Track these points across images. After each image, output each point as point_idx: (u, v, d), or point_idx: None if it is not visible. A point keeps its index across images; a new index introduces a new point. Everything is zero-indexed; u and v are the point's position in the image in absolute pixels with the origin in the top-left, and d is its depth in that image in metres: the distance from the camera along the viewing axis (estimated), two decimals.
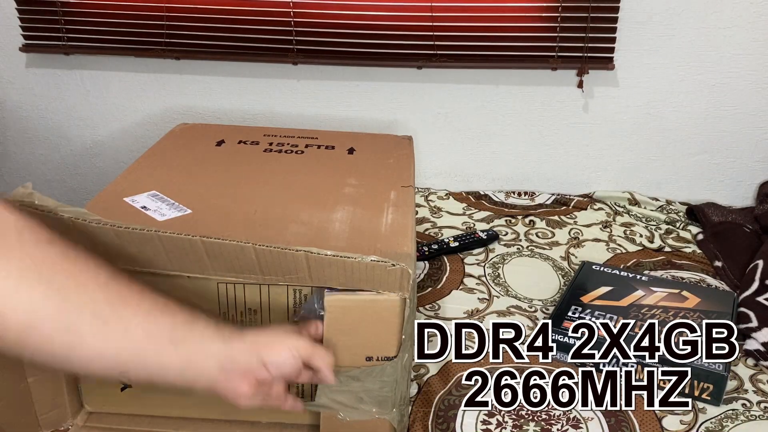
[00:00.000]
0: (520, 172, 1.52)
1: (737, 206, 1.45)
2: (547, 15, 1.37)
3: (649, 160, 1.48)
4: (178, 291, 0.75)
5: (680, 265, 1.20)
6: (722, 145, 1.45)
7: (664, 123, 1.44)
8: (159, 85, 1.53)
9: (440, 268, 1.17)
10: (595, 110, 1.45)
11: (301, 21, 1.41)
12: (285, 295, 0.74)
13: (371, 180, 0.93)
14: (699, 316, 0.96)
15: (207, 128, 1.18)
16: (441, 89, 1.46)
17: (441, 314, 1.04)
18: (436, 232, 1.31)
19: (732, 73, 1.38)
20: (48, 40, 1.49)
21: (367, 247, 0.73)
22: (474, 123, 1.49)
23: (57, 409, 0.81)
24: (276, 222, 0.79)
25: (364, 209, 0.83)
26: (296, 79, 1.48)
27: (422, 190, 1.49)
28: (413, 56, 1.41)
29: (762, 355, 0.94)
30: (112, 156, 1.62)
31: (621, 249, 1.26)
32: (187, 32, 1.45)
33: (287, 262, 0.69)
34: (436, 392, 0.87)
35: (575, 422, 0.82)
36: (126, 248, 0.70)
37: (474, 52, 1.40)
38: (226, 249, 0.68)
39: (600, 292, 1.02)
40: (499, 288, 1.11)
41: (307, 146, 1.06)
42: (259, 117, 1.53)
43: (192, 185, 0.88)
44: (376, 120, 1.50)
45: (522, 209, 1.42)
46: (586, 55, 1.37)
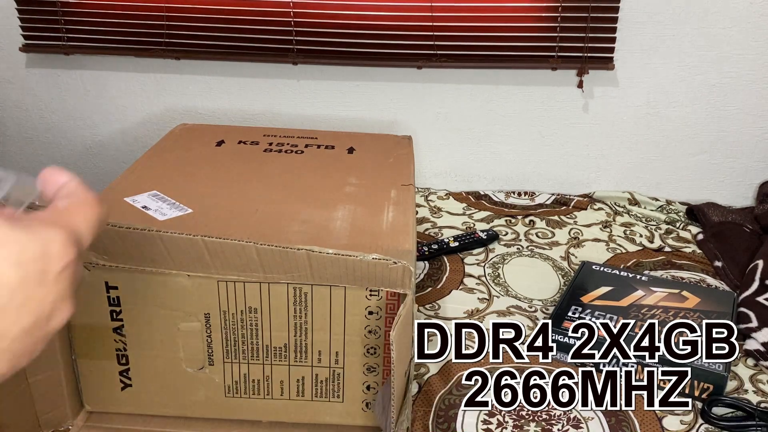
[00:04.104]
0: (520, 172, 1.52)
1: (737, 206, 1.45)
2: (547, 15, 1.37)
3: (649, 160, 1.48)
4: (178, 289, 0.75)
5: (680, 265, 1.20)
6: (722, 145, 1.45)
7: (664, 123, 1.44)
8: (159, 85, 1.53)
9: (440, 268, 1.17)
10: (595, 110, 1.45)
11: (301, 21, 1.41)
12: (286, 294, 0.74)
13: (371, 179, 0.93)
14: (699, 316, 0.96)
15: (207, 128, 1.18)
16: (441, 89, 1.46)
17: (441, 314, 1.04)
18: (436, 232, 1.31)
19: (732, 73, 1.38)
20: (48, 40, 1.49)
21: (368, 245, 0.73)
22: (474, 123, 1.49)
23: (57, 409, 0.81)
24: (277, 221, 0.79)
25: (365, 208, 0.83)
26: (296, 79, 1.48)
27: (422, 190, 1.49)
28: (413, 56, 1.41)
29: (762, 355, 0.94)
30: (112, 156, 1.62)
31: (621, 249, 1.26)
32: (187, 32, 1.45)
33: (289, 260, 0.69)
34: (436, 392, 0.87)
35: (576, 422, 0.82)
36: (127, 248, 0.70)
37: (474, 52, 1.40)
38: (227, 248, 0.68)
39: (600, 292, 1.02)
40: (499, 288, 1.11)
41: (307, 146, 1.06)
42: (259, 117, 1.53)
43: (192, 185, 0.88)
44: (376, 120, 1.50)
45: (522, 209, 1.42)
46: (586, 55, 1.37)
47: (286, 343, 0.78)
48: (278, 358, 0.78)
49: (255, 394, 0.81)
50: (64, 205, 0.35)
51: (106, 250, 0.70)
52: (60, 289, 0.32)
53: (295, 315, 0.76)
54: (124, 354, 0.79)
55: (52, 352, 0.78)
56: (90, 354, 0.80)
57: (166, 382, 0.80)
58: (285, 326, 0.76)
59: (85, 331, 0.78)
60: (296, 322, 0.76)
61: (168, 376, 0.80)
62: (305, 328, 0.77)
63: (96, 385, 0.81)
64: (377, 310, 0.75)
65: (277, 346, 0.78)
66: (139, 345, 0.79)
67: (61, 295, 0.32)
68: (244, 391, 0.81)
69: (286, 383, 0.80)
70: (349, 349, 0.78)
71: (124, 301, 0.76)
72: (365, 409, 0.82)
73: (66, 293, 0.33)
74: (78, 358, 0.80)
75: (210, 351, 0.78)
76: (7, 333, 0.30)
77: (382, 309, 0.75)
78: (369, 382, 0.80)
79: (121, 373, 0.80)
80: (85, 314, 0.77)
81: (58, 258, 0.31)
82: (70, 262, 0.32)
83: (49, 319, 0.32)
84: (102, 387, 0.81)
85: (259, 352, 0.78)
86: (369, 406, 0.81)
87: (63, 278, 0.32)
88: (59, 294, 0.32)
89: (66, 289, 0.33)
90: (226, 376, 0.80)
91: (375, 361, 0.79)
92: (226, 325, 0.77)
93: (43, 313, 0.31)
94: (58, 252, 0.31)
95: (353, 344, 0.77)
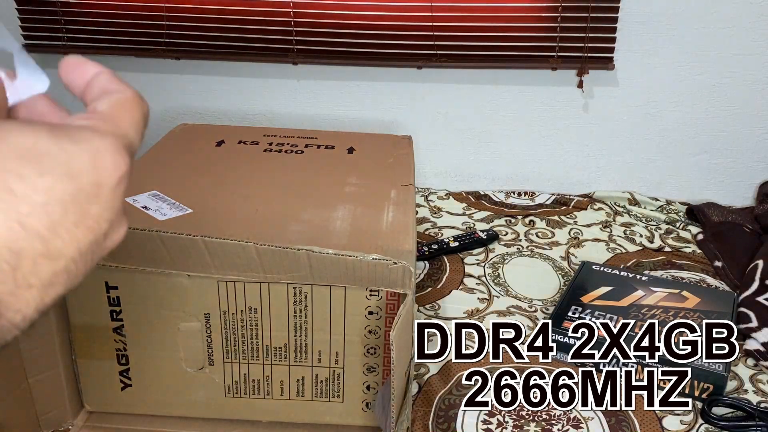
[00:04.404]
0: (520, 172, 1.52)
1: (737, 206, 1.45)
2: (547, 15, 1.37)
3: (649, 160, 1.48)
4: (178, 289, 0.75)
5: (680, 265, 1.20)
6: (722, 145, 1.45)
7: (664, 123, 1.44)
8: (159, 85, 1.53)
9: (440, 268, 1.17)
10: (595, 110, 1.45)
11: (301, 21, 1.41)
12: (286, 294, 0.74)
13: (371, 179, 0.93)
14: (699, 316, 0.96)
15: (207, 128, 1.18)
16: (441, 89, 1.46)
17: (441, 314, 1.04)
18: (436, 232, 1.31)
19: (732, 73, 1.38)
20: (48, 40, 1.49)
21: (368, 245, 0.73)
22: (474, 123, 1.49)
23: (57, 409, 0.81)
24: (277, 221, 0.79)
25: (365, 207, 0.83)
26: (296, 79, 1.48)
27: (422, 190, 1.49)
28: (413, 56, 1.41)
29: (762, 355, 0.94)
30: None
31: (621, 249, 1.26)
32: (187, 32, 1.45)
33: (289, 260, 0.69)
34: (436, 392, 0.87)
35: (576, 422, 0.82)
36: (127, 248, 0.70)
37: (474, 52, 1.40)
38: (227, 248, 0.68)
39: (600, 292, 1.02)
40: (499, 288, 1.11)
41: (307, 146, 1.06)
42: (259, 117, 1.53)
43: (192, 185, 0.88)
44: (376, 120, 1.50)
45: (522, 209, 1.42)
46: (586, 55, 1.37)
47: (286, 343, 0.78)
48: (278, 358, 0.78)
49: (255, 394, 0.81)
50: (106, 107, 0.31)
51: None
52: (116, 205, 0.28)
53: (295, 315, 0.76)
54: (124, 354, 0.79)
55: (52, 352, 0.78)
56: (90, 354, 0.80)
57: (166, 382, 0.80)
58: (285, 326, 0.76)
59: (85, 331, 0.78)
60: (296, 322, 0.76)
61: (168, 376, 0.80)
62: (305, 328, 0.76)
63: (96, 385, 0.81)
64: (377, 310, 0.75)
65: (277, 346, 0.78)
66: (139, 345, 0.79)
67: (117, 211, 0.28)
68: (244, 391, 0.81)
69: (286, 383, 0.80)
70: (349, 349, 0.78)
71: (124, 301, 0.76)
72: (365, 409, 0.82)
73: (121, 207, 0.29)
74: (78, 358, 0.80)
75: (210, 351, 0.78)
76: (63, 252, 0.26)
77: (382, 309, 0.75)
78: (369, 382, 0.80)
79: (121, 373, 0.80)
80: (85, 314, 0.77)
81: (112, 169, 0.27)
82: (125, 174, 0.28)
83: (106, 237, 0.28)
84: (102, 387, 0.81)
85: (259, 352, 0.78)
86: (369, 406, 0.81)
87: (119, 192, 0.28)
88: (116, 210, 0.28)
89: (121, 203, 0.29)
90: (226, 376, 0.80)
91: (375, 361, 0.79)
92: (226, 325, 0.77)
93: (100, 230, 0.27)
94: (112, 163, 0.27)
95: (353, 344, 0.77)
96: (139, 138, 0.31)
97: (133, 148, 0.30)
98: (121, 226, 0.29)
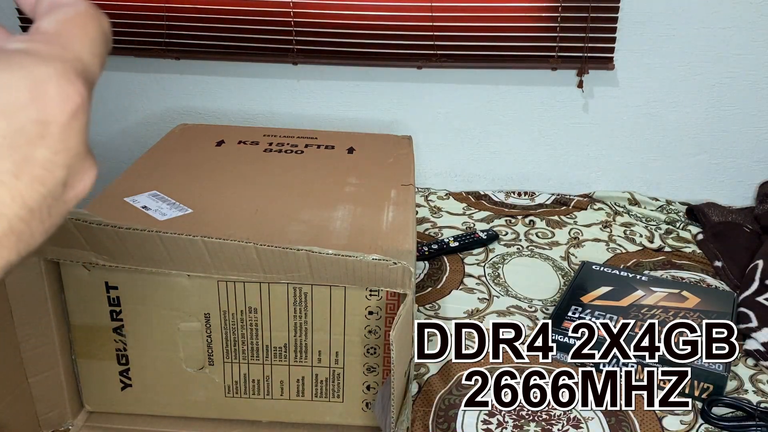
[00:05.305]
0: (520, 172, 1.52)
1: (737, 206, 1.45)
2: (547, 15, 1.37)
3: (649, 160, 1.48)
4: (178, 289, 0.75)
5: (680, 265, 1.20)
6: (722, 145, 1.45)
7: (664, 123, 1.44)
8: (159, 85, 1.53)
9: (440, 268, 1.17)
10: (595, 110, 1.45)
11: (301, 21, 1.41)
12: (286, 294, 0.74)
13: (371, 179, 0.93)
14: (699, 316, 0.96)
15: (207, 128, 1.18)
16: (441, 89, 1.46)
17: (441, 314, 1.04)
18: (436, 232, 1.31)
19: (732, 73, 1.38)
20: None
21: (368, 245, 0.73)
22: (474, 123, 1.49)
23: (57, 409, 0.81)
24: (277, 221, 0.79)
25: (365, 207, 0.83)
26: (296, 79, 1.48)
27: (422, 190, 1.49)
28: (413, 56, 1.41)
29: (762, 355, 0.94)
30: (112, 156, 1.62)
31: (621, 249, 1.26)
32: (187, 32, 1.45)
33: (289, 261, 0.69)
34: (436, 392, 0.87)
35: (576, 422, 0.82)
36: (127, 248, 0.70)
37: (474, 52, 1.40)
38: (227, 248, 0.68)
39: (600, 292, 1.02)
40: (499, 288, 1.11)
41: (307, 146, 1.06)
42: (259, 117, 1.53)
43: (192, 185, 0.88)
44: (376, 120, 1.50)
45: (522, 209, 1.42)
46: (586, 55, 1.37)
47: (286, 343, 0.78)
48: (278, 358, 0.78)
49: (255, 394, 0.81)
50: (52, 25, 0.24)
51: (106, 250, 0.70)
52: (73, 145, 0.23)
53: (295, 315, 0.76)
54: (124, 354, 0.79)
55: (52, 352, 0.78)
56: (90, 354, 0.80)
57: (166, 382, 0.80)
58: (285, 326, 0.77)
59: (85, 331, 0.78)
60: (296, 322, 0.76)
61: (168, 376, 0.80)
62: (305, 328, 0.77)
63: (96, 385, 0.82)
64: (377, 310, 0.75)
65: (277, 346, 0.78)
66: (139, 345, 0.79)
67: (75, 151, 0.23)
68: (244, 391, 0.81)
69: (286, 383, 0.80)
70: (349, 349, 0.78)
71: (124, 301, 0.76)
72: (365, 409, 0.82)
73: (82, 148, 0.23)
74: (78, 358, 0.80)
75: (210, 351, 0.78)
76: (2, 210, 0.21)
77: (382, 309, 0.75)
78: (369, 382, 0.80)
79: (121, 373, 0.80)
80: (85, 314, 0.77)
81: (59, 102, 0.22)
82: (79, 106, 0.23)
83: (66, 187, 0.23)
84: (102, 387, 0.81)
85: (259, 352, 0.78)
86: (369, 406, 0.81)
87: (74, 129, 0.23)
88: (73, 150, 0.23)
89: (82, 143, 0.23)
90: (226, 376, 0.80)
91: (375, 361, 0.79)
92: (226, 325, 0.77)
93: (54, 180, 0.22)
94: (58, 94, 0.22)
95: (353, 344, 0.78)
96: (97, 61, 0.25)
97: (89, 74, 0.24)
98: (86, 172, 0.24)
